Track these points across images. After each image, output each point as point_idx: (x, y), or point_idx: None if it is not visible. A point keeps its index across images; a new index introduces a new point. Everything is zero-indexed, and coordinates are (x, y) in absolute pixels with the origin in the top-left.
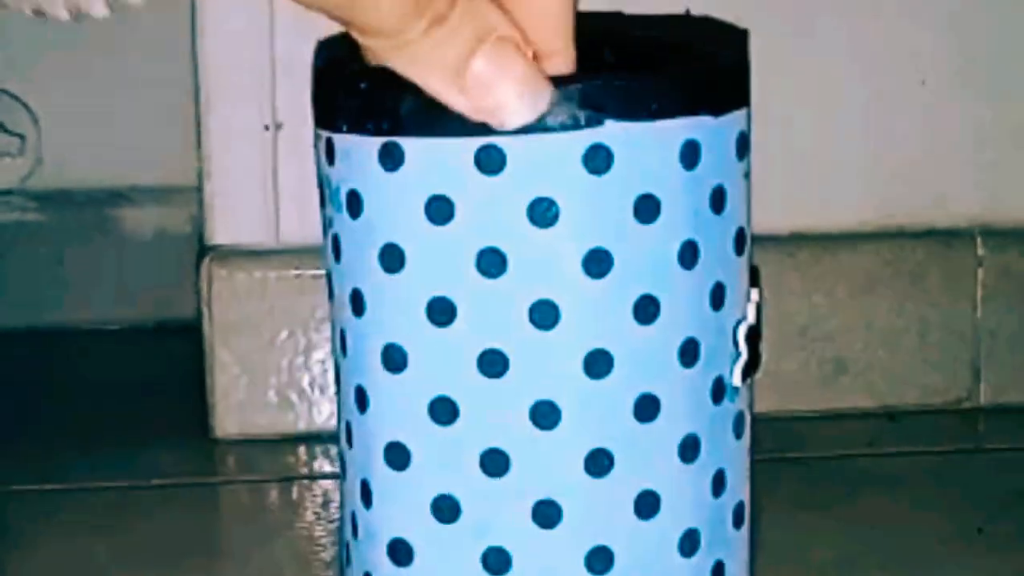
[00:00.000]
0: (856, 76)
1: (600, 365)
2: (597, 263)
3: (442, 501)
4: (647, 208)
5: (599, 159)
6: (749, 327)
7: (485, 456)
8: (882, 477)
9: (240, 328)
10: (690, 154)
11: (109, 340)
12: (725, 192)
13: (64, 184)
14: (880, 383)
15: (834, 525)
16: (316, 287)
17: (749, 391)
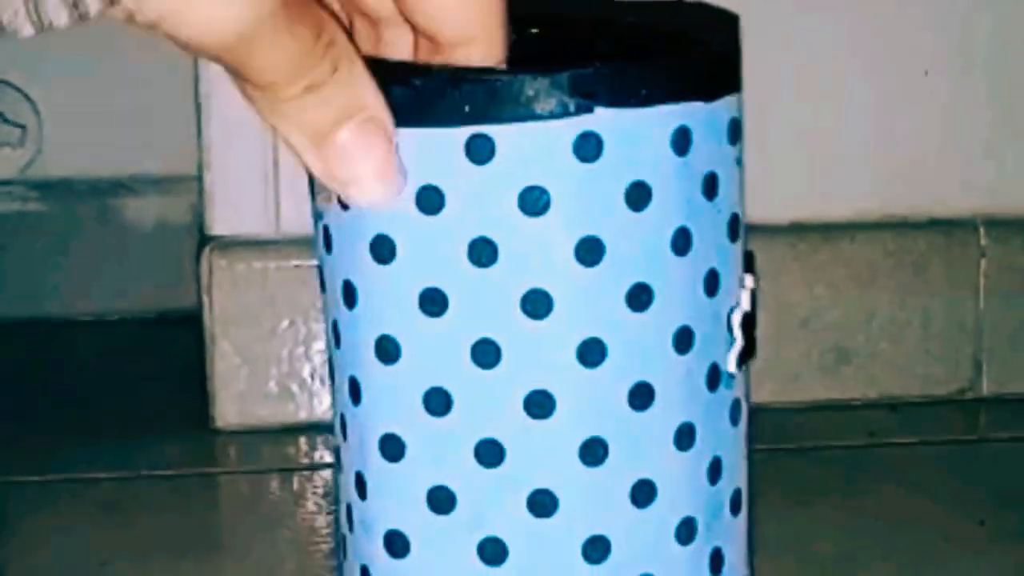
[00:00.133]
0: (858, 66)
1: (594, 354)
2: (589, 251)
3: (437, 492)
4: (639, 195)
5: (589, 146)
6: (744, 313)
7: (480, 447)
8: (884, 468)
9: (240, 318)
10: (682, 140)
11: (110, 330)
12: (717, 178)
13: (65, 174)
14: (882, 374)
15: (835, 516)
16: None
17: (745, 378)
